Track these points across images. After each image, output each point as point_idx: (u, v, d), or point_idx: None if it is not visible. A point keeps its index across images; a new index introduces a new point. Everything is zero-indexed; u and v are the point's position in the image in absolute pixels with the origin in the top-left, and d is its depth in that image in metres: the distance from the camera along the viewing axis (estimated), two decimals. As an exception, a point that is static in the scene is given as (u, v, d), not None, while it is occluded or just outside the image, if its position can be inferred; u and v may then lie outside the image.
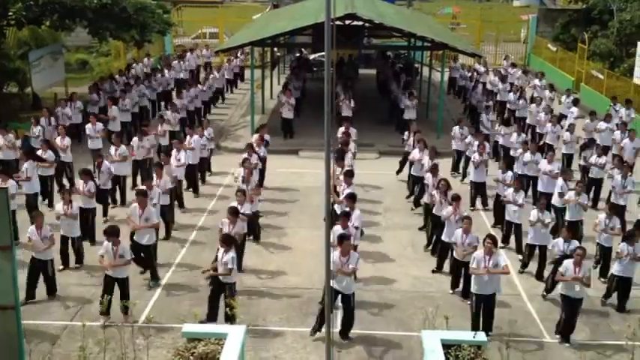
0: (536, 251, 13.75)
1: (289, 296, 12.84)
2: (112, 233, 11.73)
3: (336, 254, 10.94)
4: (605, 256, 13.72)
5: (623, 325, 11.61)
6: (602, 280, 13.53)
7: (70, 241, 13.71)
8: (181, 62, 29.44)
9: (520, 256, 14.45)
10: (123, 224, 13.39)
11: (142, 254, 13.10)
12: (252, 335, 11.05)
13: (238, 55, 32.11)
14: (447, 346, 8.53)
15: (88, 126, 19.18)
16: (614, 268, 12.70)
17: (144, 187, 14.01)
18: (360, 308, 12.31)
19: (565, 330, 11.55)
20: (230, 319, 10.94)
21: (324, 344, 8.87)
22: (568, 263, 11.41)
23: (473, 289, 11.53)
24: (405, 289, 13.27)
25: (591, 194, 17.29)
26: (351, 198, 13.55)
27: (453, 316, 11.24)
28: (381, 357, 11.06)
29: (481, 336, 8.80)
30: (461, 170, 19.62)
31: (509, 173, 15.87)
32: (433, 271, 13.94)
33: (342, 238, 11.28)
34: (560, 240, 12.51)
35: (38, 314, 12.00)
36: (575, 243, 12.20)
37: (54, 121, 19.58)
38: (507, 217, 14.90)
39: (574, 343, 11.42)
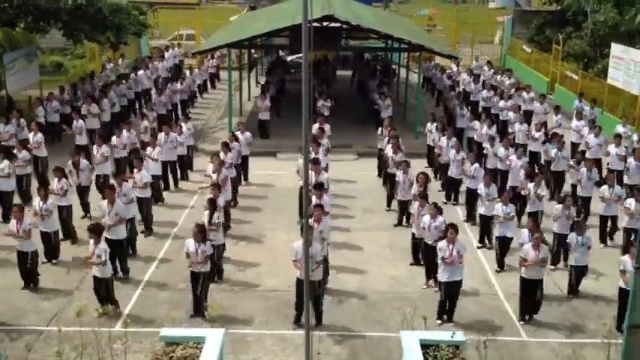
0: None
1: (268, 298, 12.82)
2: (94, 231, 11.80)
3: (299, 244, 11.02)
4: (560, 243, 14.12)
5: (599, 323, 11.74)
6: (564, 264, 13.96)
7: (50, 236, 13.81)
8: (156, 63, 29.35)
9: (488, 244, 14.94)
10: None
11: (114, 251, 12.91)
12: (231, 338, 11.00)
13: (214, 56, 31.98)
14: (425, 346, 8.56)
15: (77, 123, 19.34)
16: (571, 260, 13.08)
17: (113, 183, 14.17)
18: (338, 309, 12.36)
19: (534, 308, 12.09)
20: (208, 321, 10.90)
21: (303, 346, 8.85)
22: (528, 247, 11.91)
23: (441, 277, 11.90)
24: (383, 289, 13.31)
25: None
26: (319, 187, 13.73)
27: (431, 316, 11.35)
28: (360, 358, 11.07)
29: (459, 336, 8.86)
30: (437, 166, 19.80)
31: (476, 165, 16.24)
32: (411, 264, 14.20)
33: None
34: (525, 231, 12.76)
35: (14, 319, 11.85)
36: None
37: (23, 122, 19.40)
38: (480, 211, 15.26)
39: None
